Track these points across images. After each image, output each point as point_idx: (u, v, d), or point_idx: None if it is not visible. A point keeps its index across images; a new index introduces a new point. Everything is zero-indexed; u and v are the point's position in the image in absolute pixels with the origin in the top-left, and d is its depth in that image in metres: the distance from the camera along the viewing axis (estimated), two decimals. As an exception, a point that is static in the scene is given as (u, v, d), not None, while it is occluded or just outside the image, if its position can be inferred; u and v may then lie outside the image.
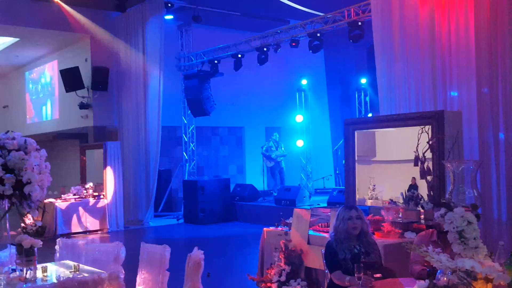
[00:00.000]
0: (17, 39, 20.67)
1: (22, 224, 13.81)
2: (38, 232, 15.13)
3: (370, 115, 21.38)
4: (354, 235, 6.03)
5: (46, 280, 5.50)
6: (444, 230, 4.59)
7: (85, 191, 17.11)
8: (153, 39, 18.63)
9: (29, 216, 5.36)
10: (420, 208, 7.79)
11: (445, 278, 4.08)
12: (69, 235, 15.49)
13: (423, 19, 10.46)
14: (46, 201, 15.77)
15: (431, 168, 8.05)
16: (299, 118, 21.61)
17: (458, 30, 9.82)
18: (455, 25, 9.87)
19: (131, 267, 6.46)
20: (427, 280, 4.15)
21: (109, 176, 17.20)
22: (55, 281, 5.48)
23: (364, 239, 6.08)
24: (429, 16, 10.34)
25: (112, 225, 17.12)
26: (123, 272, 6.04)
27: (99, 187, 17.42)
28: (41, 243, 5.50)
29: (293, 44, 16.82)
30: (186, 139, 21.00)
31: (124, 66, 19.62)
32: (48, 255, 6.78)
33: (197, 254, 5.70)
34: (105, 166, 17.22)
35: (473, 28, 9.45)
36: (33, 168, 5.14)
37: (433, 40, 10.26)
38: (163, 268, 6.10)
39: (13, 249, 5.42)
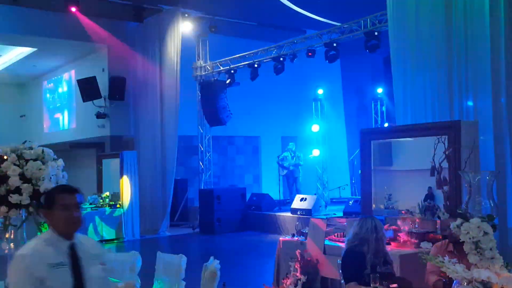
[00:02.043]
0: (35, 49, 20.84)
1: (39, 234, 13.86)
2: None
3: (386, 124, 21.32)
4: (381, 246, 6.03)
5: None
6: (460, 241, 4.57)
7: (101, 200, 17.17)
8: (169, 49, 18.71)
9: (46, 225, 5.38)
10: (436, 218, 7.76)
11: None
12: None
13: (439, 29, 10.44)
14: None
15: (447, 178, 8.02)
16: (315, 127, 21.57)
17: (474, 39, 9.79)
18: (471, 34, 9.84)
19: (147, 277, 6.48)
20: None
21: (126, 185, 17.26)
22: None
23: (382, 250, 6.07)
24: (445, 25, 10.32)
25: (128, 234, 17.16)
26: (139, 281, 6.06)
27: (116, 196, 17.47)
28: (58, 252, 5.51)
29: (309, 54, 16.80)
30: (202, 149, 21.02)
31: (141, 75, 19.72)
32: (64, 264, 6.79)
33: (213, 264, 5.71)
34: (121, 175, 17.28)
35: (489, 37, 9.43)
36: (50, 178, 5.17)
37: (450, 50, 10.23)
38: (179, 277, 6.11)
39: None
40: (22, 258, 3.64)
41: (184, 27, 18.87)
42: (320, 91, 21.62)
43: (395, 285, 5.44)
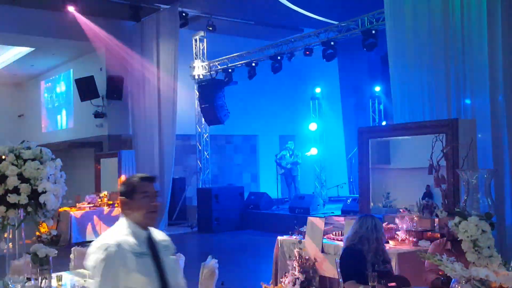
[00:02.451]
0: (33, 48, 20.83)
1: (37, 233, 13.87)
2: (53, 241, 15.18)
3: (384, 123, 21.34)
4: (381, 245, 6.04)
5: (61, 289, 5.52)
6: (458, 239, 4.58)
7: (99, 200, 17.16)
8: (167, 48, 18.71)
9: (44, 225, 5.38)
10: (434, 217, 7.77)
11: (459, 287, 4.07)
12: (84, 243, 15.48)
13: (437, 27, 10.45)
14: (61, 209, 15.83)
15: (445, 177, 8.03)
16: (313, 126, 21.59)
17: (472, 38, 9.79)
18: (469, 33, 9.85)
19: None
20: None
21: (124, 185, 17.22)
22: (70, 290, 5.50)
23: (382, 248, 6.08)
24: (443, 23, 10.32)
25: (126, 234, 17.12)
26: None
27: (114, 195, 17.46)
28: (56, 252, 5.52)
29: (307, 52, 16.80)
30: (200, 148, 21.02)
31: (138, 75, 19.72)
32: (63, 264, 6.81)
33: (211, 262, 5.71)
34: (119, 175, 17.28)
35: (487, 35, 9.43)
36: (48, 178, 5.17)
37: (447, 48, 10.23)
38: (177, 277, 6.10)
39: (28, 259, 5.45)
40: (108, 248, 3.60)
41: (182, 26, 18.86)
42: (318, 90, 21.66)
43: (393, 283, 5.44)
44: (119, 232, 3.75)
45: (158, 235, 4.00)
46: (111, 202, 17.13)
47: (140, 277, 3.58)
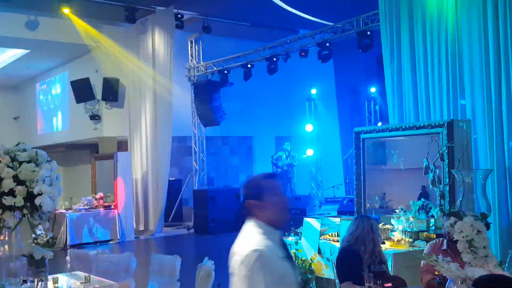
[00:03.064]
0: (28, 50, 20.79)
1: (33, 235, 13.85)
2: (49, 243, 15.15)
3: (380, 124, 21.35)
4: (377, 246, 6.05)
5: (57, 291, 5.52)
6: (454, 239, 4.59)
7: (95, 202, 17.15)
8: (163, 50, 18.71)
9: (40, 227, 5.38)
10: (430, 217, 7.78)
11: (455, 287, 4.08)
12: (79, 245, 15.53)
13: (432, 28, 10.47)
14: (57, 211, 15.82)
15: (440, 177, 8.05)
16: (309, 127, 21.61)
17: (466, 39, 9.82)
18: (463, 34, 9.87)
19: (141, 278, 6.48)
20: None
21: (120, 187, 17.24)
22: (66, 292, 5.50)
23: (378, 249, 6.09)
24: (437, 24, 10.35)
25: (122, 236, 17.13)
26: (134, 282, 6.06)
27: (110, 197, 17.45)
28: (52, 254, 5.52)
29: (303, 53, 16.81)
30: (196, 149, 21.01)
31: (134, 76, 19.71)
32: (59, 266, 6.82)
33: (208, 264, 5.71)
34: (115, 177, 17.25)
35: (481, 35, 9.46)
36: (44, 180, 5.17)
37: (442, 48, 10.26)
38: (174, 278, 6.11)
39: (24, 261, 5.44)
40: (261, 254, 3.39)
41: (177, 28, 18.85)
42: (314, 91, 21.66)
43: (389, 284, 5.45)
44: (258, 236, 3.54)
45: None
46: (107, 204, 17.13)
47: (288, 281, 3.46)
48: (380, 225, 7.95)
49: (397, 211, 8.36)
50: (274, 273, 3.36)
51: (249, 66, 18.46)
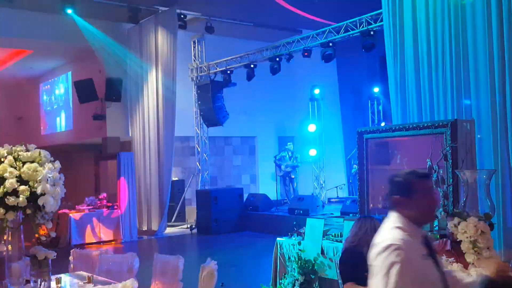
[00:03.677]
0: (32, 51, 20.81)
1: (36, 235, 13.86)
2: (52, 243, 15.15)
3: (383, 124, 21.32)
4: None
5: (60, 291, 5.52)
6: (458, 240, 4.58)
7: (98, 202, 17.16)
8: (166, 50, 18.71)
9: (43, 227, 5.38)
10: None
11: None
12: (83, 245, 15.54)
13: (435, 28, 10.45)
14: (60, 212, 15.84)
15: (444, 178, 8.02)
16: (312, 127, 21.59)
17: (470, 38, 9.80)
18: (467, 33, 9.85)
19: (144, 278, 6.47)
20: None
21: (123, 187, 17.25)
22: (69, 292, 5.50)
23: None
24: (441, 24, 10.33)
25: (125, 236, 17.15)
26: (137, 283, 6.05)
27: (113, 197, 17.47)
28: (55, 254, 5.52)
29: (306, 53, 16.81)
30: (199, 149, 21.03)
31: (137, 77, 19.71)
32: (62, 266, 6.80)
33: (211, 264, 5.70)
34: (118, 177, 17.27)
35: (488, 35, 9.44)
36: (47, 180, 5.16)
37: (446, 48, 10.24)
38: (177, 278, 6.10)
39: (27, 261, 5.44)
40: (397, 249, 3.31)
41: (180, 28, 18.86)
42: (317, 91, 21.64)
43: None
44: (398, 233, 3.45)
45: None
46: (110, 204, 17.15)
47: (429, 279, 3.39)
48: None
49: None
50: (409, 269, 3.29)
51: (252, 66, 18.49)
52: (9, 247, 5.21)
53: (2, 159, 5.17)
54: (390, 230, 3.50)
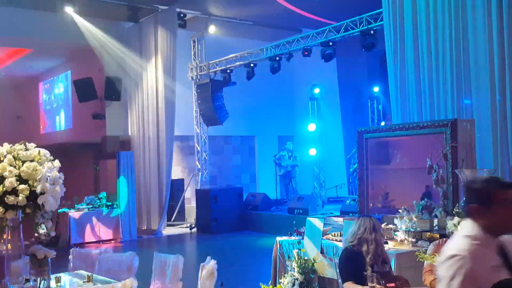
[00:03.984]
0: (31, 50, 20.80)
1: (36, 234, 13.86)
2: (52, 242, 15.17)
3: (383, 123, 21.31)
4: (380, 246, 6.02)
5: (60, 291, 5.51)
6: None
7: (98, 201, 17.15)
8: (165, 49, 18.70)
9: (43, 226, 5.37)
10: (433, 217, 7.76)
11: None
12: (82, 245, 15.54)
13: (436, 27, 10.45)
14: (59, 211, 15.83)
15: (444, 177, 8.03)
16: (311, 127, 21.57)
17: (470, 38, 9.80)
18: (467, 33, 9.85)
19: (144, 277, 6.47)
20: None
21: (122, 186, 17.24)
22: (68, 291, 5.49)
23: (381, 249, 6.07)
24: (441, 23, 10.33)
25: (125, 235, 17.14)
26: (137, 282, 6.05)
27: (113, 196, 17.45)
28: (55, 253, 5.50)
29: (306, 53, 16.79)
30: (198, 148, 21.03)
31: (137, 76, 19.71)
32: (61, 265, 6.79)
33: (210, 263, 5.70)
34: (118, 176, 17.26)
35: (488, 34, 9.44)
36: (47, 179, 5.15)
37: (446, 48, 10.24)
38: (176, 277, 6.10)
39: (26, 260, 5.43)
40: (460, 260, 3.18)
41: (180, 27, 18.86)
42: (317, 90, 21.60)
43: (392, 284, 5.43)
44: (468, 243, 3.29)
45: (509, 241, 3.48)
46: (109, 203, 17.14)
47: None
48: (383, 225, 7.93)
49: (400, 211, 8.34)
50: (474, 280, 3.15)
51: (252, 65, 18.47)
52: (9, 246, 5.20)
53: (2, 158, 5.16)
54: (459, 239, 3.36)
